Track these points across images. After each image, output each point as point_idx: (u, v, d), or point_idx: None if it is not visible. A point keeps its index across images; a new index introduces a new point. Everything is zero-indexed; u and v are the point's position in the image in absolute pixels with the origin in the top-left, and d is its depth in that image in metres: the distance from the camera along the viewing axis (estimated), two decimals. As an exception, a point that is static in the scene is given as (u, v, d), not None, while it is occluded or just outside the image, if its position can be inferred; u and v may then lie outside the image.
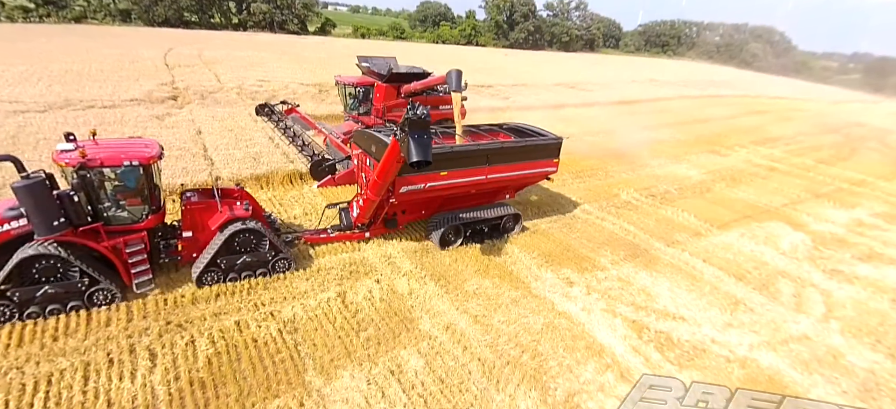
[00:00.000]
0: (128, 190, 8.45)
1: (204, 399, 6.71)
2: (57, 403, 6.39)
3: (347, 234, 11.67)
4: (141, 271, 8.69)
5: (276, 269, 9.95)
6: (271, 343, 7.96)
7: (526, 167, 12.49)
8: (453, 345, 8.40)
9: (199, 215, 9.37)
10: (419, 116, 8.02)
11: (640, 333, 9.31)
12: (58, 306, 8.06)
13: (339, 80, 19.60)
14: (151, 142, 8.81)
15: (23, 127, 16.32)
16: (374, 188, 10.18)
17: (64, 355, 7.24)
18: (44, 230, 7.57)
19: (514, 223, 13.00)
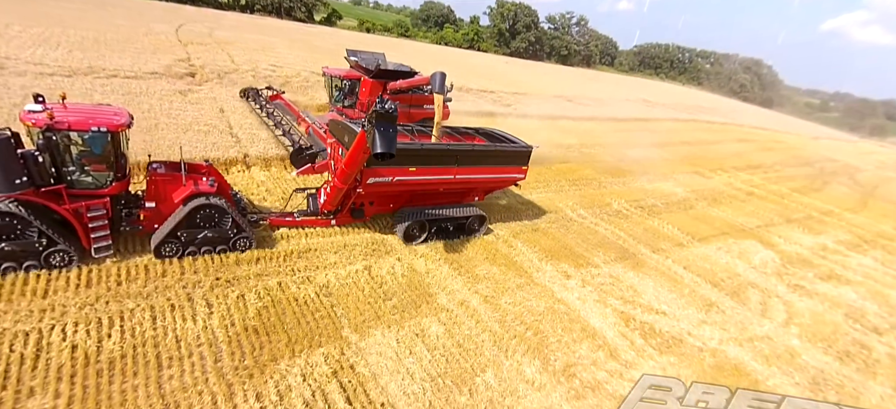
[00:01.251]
0: (94, 156, 8.42)
1: (258, 343, 7.77)
2: (132, 335, 7.38)
3: (313, 219, 11.83)
4: (101, 237, 8.67)
5: (236, 247, 10.04)
6: (310, 302, 9.05)
7: (494, 171, 12.96)
8: (467, 318, 9.60)
9: (163, 187, 9.41)
10: (387, 110, 8.16)
11: (628, 322, 10.66)
12: (13, 265, 8.03)
13: (326, 71, 19.83)
14: (121, 110, 8.92)
15: (54, 90, 16.91)
16: (341, 176, 10.37)
17: (129, 297, 8.20)
18: (5, 188, 7.57)
19: (480, 224, 13.31)
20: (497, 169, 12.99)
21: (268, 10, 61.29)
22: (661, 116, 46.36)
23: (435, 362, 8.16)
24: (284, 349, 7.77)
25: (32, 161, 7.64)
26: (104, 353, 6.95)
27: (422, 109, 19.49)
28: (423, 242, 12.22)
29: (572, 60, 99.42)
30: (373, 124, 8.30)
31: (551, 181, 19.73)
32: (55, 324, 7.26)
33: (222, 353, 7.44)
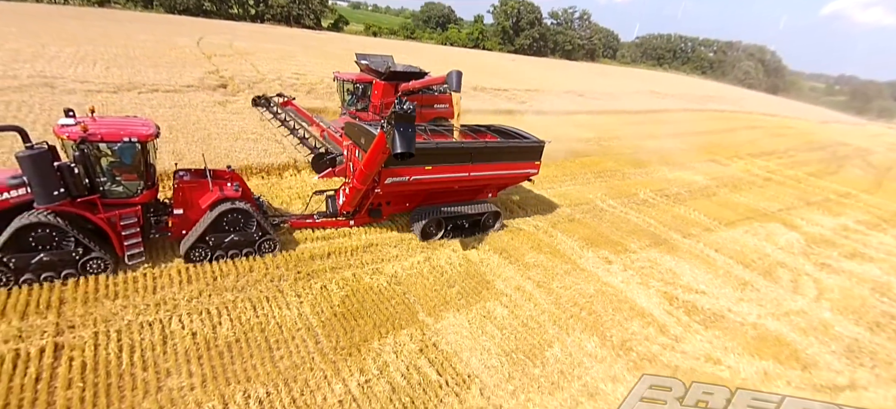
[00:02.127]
0: (124, 165, 8.71)
1: (349, 326, 8.60)
2: (239, 322, 8.24)
3: (332, 220, 12.10)
4: (134, 244, 8.99)
5: (262, 249, 10.28)
6: (384, 291, 9.88)
7: (508, 167, 13.02)
8: (525, 301, 10.39)
9: (190, 194, 9.66)
10: (405, 110, 8.36)
11: (671, 301, 11.40)
12: (52, 274, 8.32)
13: (337, 76, 20.02)
14: (148, 121, 9.26)
15: (105, 106, 17.91)
16: (360, 177, 10.52)
17: (226, 291, 9.05)
18: (44, 200, 7.83)
19: (494, 220, 13.49)
20: (511, 165, 13.07)
21: (278, 19, 62.35)
22: (671, 107, 46.91)
23: (505, 339, 8.97)
24: (372, 331, 8.59)
25: (69, 173, 7.95)
26: (220, 338, 7.81)
27: (433, 109, 19.96)
28: (440, 239, 12.47)
29: (576, 55, 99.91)
30: (392, 125, 8.51)
31: (577, 174, 20.47)
32: (172, 315, 8.13)
33: (319, 335, 8.28)
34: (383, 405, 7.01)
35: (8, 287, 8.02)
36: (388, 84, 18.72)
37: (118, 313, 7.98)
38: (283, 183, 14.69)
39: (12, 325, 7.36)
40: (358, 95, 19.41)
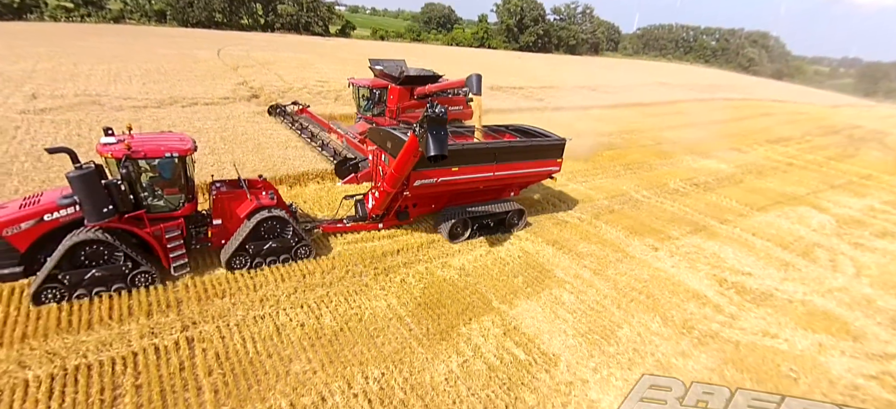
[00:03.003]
0: (163, 180, 8.92)
1: (434, 314, 9.31)
2: (339, 314, 8.96)
3: (362, 224, 12.35)
4: (178, 256, 9.27)
5: (298, 255, 10.50)
6: (456, 282, 10.58)
7: (531, 166, 13.09)
8: (586, 287, 11.06)
9: (228, 204, 9.92)
10: (437, 114, 8.57)
11: (721, 283, 12.04)
12: (103, 288, 8.57)
13: (353, 82, 20.24)
14: (185, 136, 9.40)
15: (158, 121, 18.72)
16: (390, 181, 10.64)
17: (319, 287, 9.78)
18: (94, 217, 8.07)
19: (519, 219, 13.63)
20: (533, 163, 13.15)
21: (287, 27, 63.25)
22: (683, 98, 47.37)
23: (578, 322, 9.64)
24: (457, 317, 9.30)
25: (116, 190, 8.18)
26: (326, 328, 8.54)
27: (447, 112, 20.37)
28: (466, 239, 12.65)
29: (580, 50, 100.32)
30: (425, 128, 8.64)
31: (607, 168, 21.09)
32: (277, 310, 8.87)
33: (410, 323, 8.99)
34: (485, 381, 7.71)
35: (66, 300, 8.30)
36: (404, 88, 18.95)
37: (230, 310, 8.73)
38: (338, 189, 15.36)
39: (140, 323, 8.13)
40: (374, 100, 19.66)
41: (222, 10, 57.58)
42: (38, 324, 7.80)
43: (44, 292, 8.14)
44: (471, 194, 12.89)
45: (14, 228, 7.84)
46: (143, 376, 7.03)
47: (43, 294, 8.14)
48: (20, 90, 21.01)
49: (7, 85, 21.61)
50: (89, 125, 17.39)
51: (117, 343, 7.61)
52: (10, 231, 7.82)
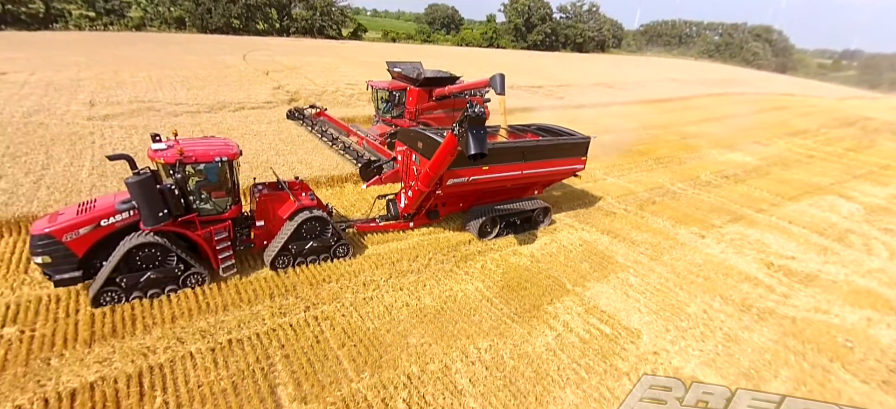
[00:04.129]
0: (215, 183, 9.16)
1: (519, 296, 10.23)
2: (437, 295, 9.90)
3: (394, 223, 12.65)
4: (227, 257, 9.57)
5: (337, 254, 10.81)
6: (530, 268, 11.51)
7: (557, 164, 13.37)
8: (648, 271, 11.96)
9: (270, 205, 10.20)
10: (477, 113, 8.82)
11: (769, 266, 12.93)
12: (157, 290, 8.88)
13: (371, 84, 20.36)
14: (230, 141, 9.67)
15: (216, 125, 19.70)
16: (425, 180, 10.91)
17: (409, 274, 10.72)
18: (151, 221, 8.36)
19: (545, 216, 13.88)
20: (559, 162, 13.41)
21: (302, 31, 64.28)
22: (697, 93, 48.14)
23: (649, 301, 10.56)
24: (540, 298, 10.23)
25: (170, 194, 8.44)
26: (427, 307, 9.48)
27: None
28: (495, 237, 12.89)
29: (587, 47, 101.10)
30: (465, 128, 8.93)
31: (639, 162, 21.98)
32: (381, 292, 9.82)
33: (499, 303, 9.92)
34: (581, 352, 8.64)
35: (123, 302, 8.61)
36: (422, 90, 19.17)
37: (340, 293, 9.68)
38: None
39: (267, 304, 9.08)
40: (393, 102, 19.81)
41: (238, 15, 58.59)
42: (183, 307, 8.75)
43: (103, 295, 8.40)
44: (498, 193, 13.19)
45: (73, 233, 8.08)
46: (286, 347, 7.98)
47: (102, 297, 8.40)
48: (76, 98, 22.02)
49: (61, 94, 22.62)
50: (152, 130, 18.36)
51: (254, 321, 8.57)
52: (70, 237, 8.06)
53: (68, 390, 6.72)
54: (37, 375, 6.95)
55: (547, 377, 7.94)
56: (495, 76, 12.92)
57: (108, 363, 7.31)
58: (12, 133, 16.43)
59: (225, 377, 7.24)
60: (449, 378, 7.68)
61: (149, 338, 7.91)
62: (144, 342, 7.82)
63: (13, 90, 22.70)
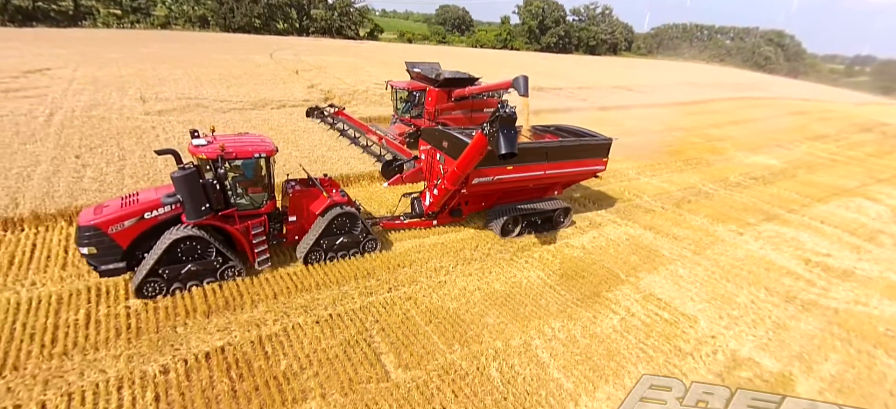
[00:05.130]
0: (252, 179, 9.30)
1: (578, 284, 10.97)
2: (504, 280, 10.65)
3: (418, 221, 12.86)
4: (262, 251, 9.74)
5: (365, 249, 11.01)
6: (584, 259, 12.24)
7: (579, 165, 13.50)
8: (694, 265, 12.65)
9: (303, 201, 10.39)
10: (508, 113, 8.94)
11: (806, 262, 13.57)
12: (195, 282, 9.05)
13: (391, 84, 20.85)
14: (265, 137, 9.85)
15: (265, 122, 20.60)
16: (452, 178, 11.05)
17: (474, 261, 11.48)
18: (194, 215, 8.53)
19: (565, 216, 13.96)
20: (581, 162, 13.55)
21: (321, 31, 65.35)
22: (714, 97, 48.60)
23: (699, 291, 11.26)
24: (598, 286, 10.97)
25: (212, 189, 8.65)
26: (497, 292, 10.26)
27: (482, 113, 20.66)
28: (516, 236, 13.05)
29: (599, 50, 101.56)
30: (496, 128, 9.08)
31: (668, 164, 22.63)
32: (454, 277, 10.60)
33: (561, 290, 10.67)
34: (645, 334, 9.36)
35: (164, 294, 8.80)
36: (442, 90, 19.42)
37: (416, 277, 10.48)
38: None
39: (352, 284, 9.89)
40: (412, 102, 20.15)
41: (259, 15, 59.73)
42: (281, 286, 9.57)
43: (146, 286, 8.60)
44: (520, 192, 13.35)
45: (118, 225, 8.33)
46: (381, 322, 8.78)
47: (145, 288, 8.60)
48: (126, 94, 23.03)
49: (110, 90, 23.65)
50: (206, 126, 19.26)
51: (345, 300, 9.38)
52: (115, 229, 8.31)
53: (202, 352, 7.56)
54: (169, 340, 7.79)
55: (618, 354, 8.68)
56: (519, 78, 13.04)
57: (228, 331, 8.14)
58: (80, 126, 17.41)
59: (335, 344, 8.05)
60: (531, 353, 8.44)
61: (256, 312, 8.74)
62: (254, 315, 8.65)
63: (63, 85, 23.78)
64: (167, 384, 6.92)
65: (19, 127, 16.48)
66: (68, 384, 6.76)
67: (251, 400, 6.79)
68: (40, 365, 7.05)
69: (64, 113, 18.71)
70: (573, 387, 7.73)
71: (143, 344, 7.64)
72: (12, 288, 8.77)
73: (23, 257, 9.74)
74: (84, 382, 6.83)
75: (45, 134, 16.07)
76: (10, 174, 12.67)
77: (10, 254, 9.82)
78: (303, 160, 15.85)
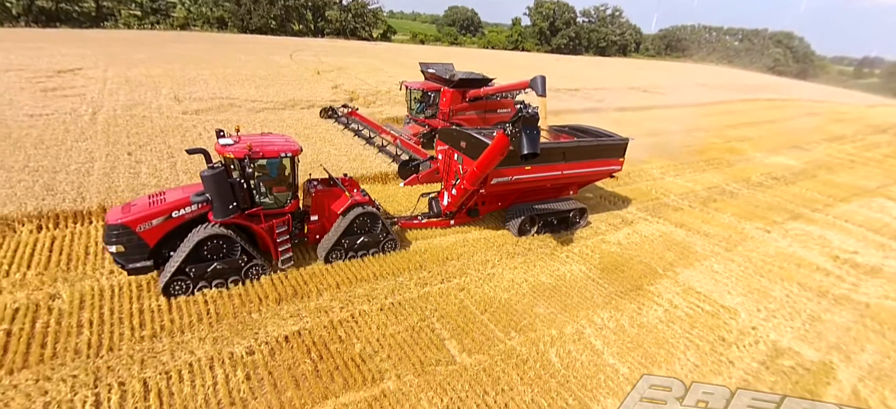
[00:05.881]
0: (276, 178, 9.34)
1: (619, 277, 11.41)
2: (549, 273, 11.12)
3: (435, 221, 12.92)
4: (286, 250, 9.76)
5: (385, 248, 11.02)
6: (621, 254, 12.67)
7: (596, 165, 13.55)
8: (728, 260, 13.05)
9: (325, 200, 10.45)
10: (531, 114, 8.99)
11: (835, 259, 13.93)
12: (220, 281, 9.01)
13: (406, 85, 20.92)
14: (289, 137, 9.91)
15: (299, 121, 21.19)
16: (471, 178, 11.06)
17: (517, 255, 11.95)
18: (221, 213, 8.56)
19: (581, 217, 13.97)
20: (598, 162, 13.60)
21: (336, 33, 66.10)
22: (729, 98, 48.79)
23: (736, 284, 11.67)
24: (638, 279, 11.40)
25: (239, 188, 8.71)
26: (544, 284, 10.73)
27: (496, 114, 20.87)
28: (532, 235, 13.10)
29: (609, 51, 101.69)
30: (519, 128, 9.07)
31: (692, 164, 22.98)
32: (502, 270, 11.07)
33: (603, 283, 11.11)
34: (690, 325, 9.80)
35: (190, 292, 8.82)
36: (456, 91, 19.45)
37: (465, 269, 10.97)
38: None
39: (406, 278, 10.38)
40: (427, 102, 20.17)
41: (276, 16, 60.54)
42: (339, 277, 10.09)
43: (173, 285, 8.62)
44: (536, 192, 13.44)
45: (147, 224, 8.36)
46: (439, 311, 9.27)
47: (172, 286, 8.62)
48: (160, 94, 23.67)
49: (144, 89, 24.29)
50: (240, 125, 19.86)
51: (402, 290, 9.88)
52: (143, 227, 8.34)
53: (281, 335, 8.09)
54: (247, 325, 8.33)
55: (667, 342, 9.12)
56: (537, 78, 13.14)
57: (300, 317, 8.66)
58: (124, 124, 18.04)
59: (401, 330, 8.56)
60: (585, 340, 8.91)
61: (323, 299, 9.25)
62: (320, 302, 9.16)
63: (98, 85, 24.44)
64: (254, 364, 7.45)
65: (68, 125, 17.13)
66: (163, 364, 7.30)
67: (334, 378, 7.31)
68: (133, 346, 7.59)
69: (106, 112, 19.36)
70: (628, 372, 8.18)
71: (224, 328, 8.18)
72: (93, 276, 9.33)
73: (96, 248, 10.31)
74: (177, 361, 7.38)
75: (94, 132, 16.71)
76: (71, 170, 13.29)
77: (84, 245, 10.40)
78: (341, 160, 16.41)
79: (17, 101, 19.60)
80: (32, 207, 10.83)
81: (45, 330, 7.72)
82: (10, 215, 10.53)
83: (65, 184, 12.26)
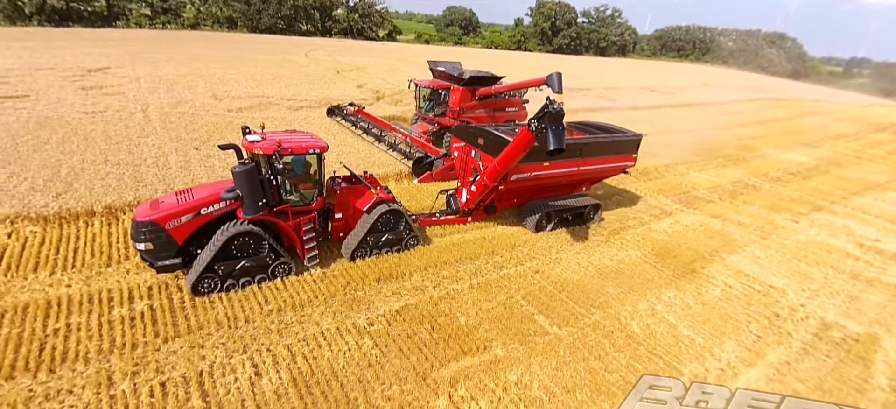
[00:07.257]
0: (303, 175, 9.32)
1: (672, 262, 12.35)
2: (610, 258, 12.04)
3: (453, 218, 12.99)
4: (312, 247, 9.67)
5: (408, 246, 11.00)
6: (668, 242, 13.63)
7: (610, 161, 13.72)
8: (765, 249, 14.06)
9: (350, 198, 10.46)
10: (556, 110, 8.83)
11: (860, 246, 15.01)
12: (248, 279, 8.92)
13: (416, 82, 20.91)
14: (316, 135, 9.93)
15: (335, 120, 21.92)
16: (492, 175, 11.15)
17: (576, 243, 12.86)
18: (251, 210, 8.47)
19: (595, 212, 14.17)
20: (613, 158, 13.77)
21: (344, 32, 66.72)
22: (733, 98, 50.17)
23: (778, 268, 12.68)
24: (690, 263, 12.38)
25: (268, 185, 8.65)
26: (607, 268, 11.65)
27: (504, 113, 21.09)
28: (549, 231, 13.28)
29: (609, 51, 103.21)
30: (545, 124, 9.01)
31: (712, 160, 24.07)
32: (562, 257, 11.97)
33: (658, 267, 12.05)
34: (746, 303, 10.77)
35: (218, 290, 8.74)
36: (466, 89, 19.52)
37: (533, 255, 11.86)
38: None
39: (483, 261, 11.24)
40: (437, 100, 20.22)
41: (285, 16, 61.02)
42: (426, 260, 10.92)
43: (202, 283, 8.55)
44: (552, 189, 13.53)
45: (176, 221, 8.28)
46: (521, 291, 10.15)
47: (201, 285, 8.55)
48: (197, 93, 24.28)
49: (180, 88, 24.86)
50: (280, 122, 20.61)
51: (483, 272, 10.75)
52: (173, 224, 8.27)
53: (392, 310, 8.92)
54: (358, 301, 9.15)
55: (730, 318, 10.08)
56: (552, 75, 13.15)
57: (401, 295, 9.50)
58: (177, 121, 18.70)
59: (494, 306, 9.43)
60: (658, 315, 9.84)
61: (415, 280, 10.09)
62: (414, 282, 10.00)
63: (133, 84, 24.98)
64: (378, 334, 8.28)
65: (126, 122, 17.77)
66: (295, 334, 8.10)
67: (449, 345, 8.16)
68: (265, 319, 8.39)
69: (154, 110, 19.99)
70: (703, 341, 9.12)
71: (338, 303, 8.99)
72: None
73: (194, 235, 11.05)
74: (306, 332, 8.18)
75: (153, 129, 17.37)
76: (148, 164, 13.99)
77: (182, 232, 11.13)
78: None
79: (64, 98, 20.17)
80: (132, 196, 11.55)
81: (181, 304, 8.49)
82: (114, 204, 11.25)
83: (151, 176, 12.98)
